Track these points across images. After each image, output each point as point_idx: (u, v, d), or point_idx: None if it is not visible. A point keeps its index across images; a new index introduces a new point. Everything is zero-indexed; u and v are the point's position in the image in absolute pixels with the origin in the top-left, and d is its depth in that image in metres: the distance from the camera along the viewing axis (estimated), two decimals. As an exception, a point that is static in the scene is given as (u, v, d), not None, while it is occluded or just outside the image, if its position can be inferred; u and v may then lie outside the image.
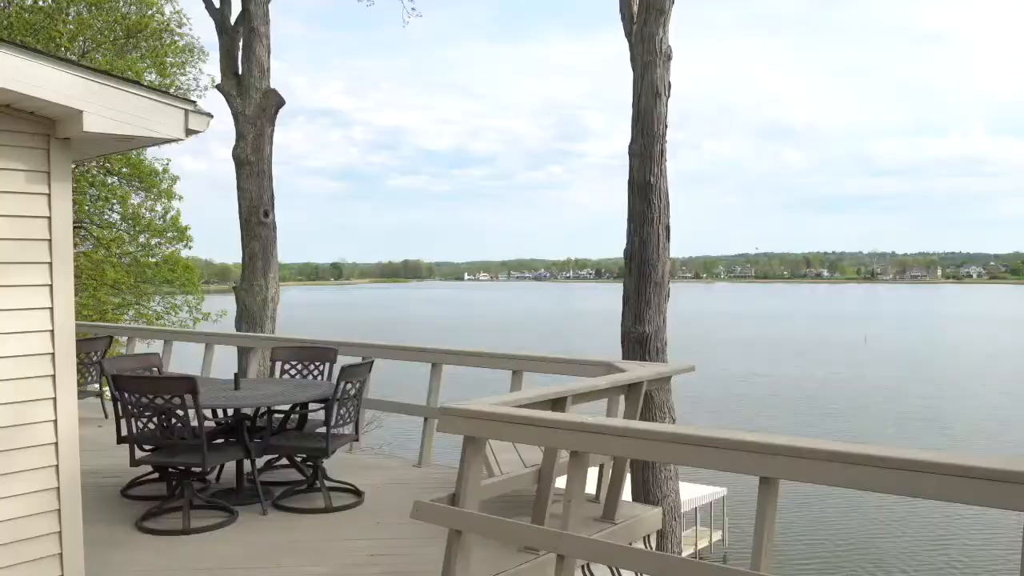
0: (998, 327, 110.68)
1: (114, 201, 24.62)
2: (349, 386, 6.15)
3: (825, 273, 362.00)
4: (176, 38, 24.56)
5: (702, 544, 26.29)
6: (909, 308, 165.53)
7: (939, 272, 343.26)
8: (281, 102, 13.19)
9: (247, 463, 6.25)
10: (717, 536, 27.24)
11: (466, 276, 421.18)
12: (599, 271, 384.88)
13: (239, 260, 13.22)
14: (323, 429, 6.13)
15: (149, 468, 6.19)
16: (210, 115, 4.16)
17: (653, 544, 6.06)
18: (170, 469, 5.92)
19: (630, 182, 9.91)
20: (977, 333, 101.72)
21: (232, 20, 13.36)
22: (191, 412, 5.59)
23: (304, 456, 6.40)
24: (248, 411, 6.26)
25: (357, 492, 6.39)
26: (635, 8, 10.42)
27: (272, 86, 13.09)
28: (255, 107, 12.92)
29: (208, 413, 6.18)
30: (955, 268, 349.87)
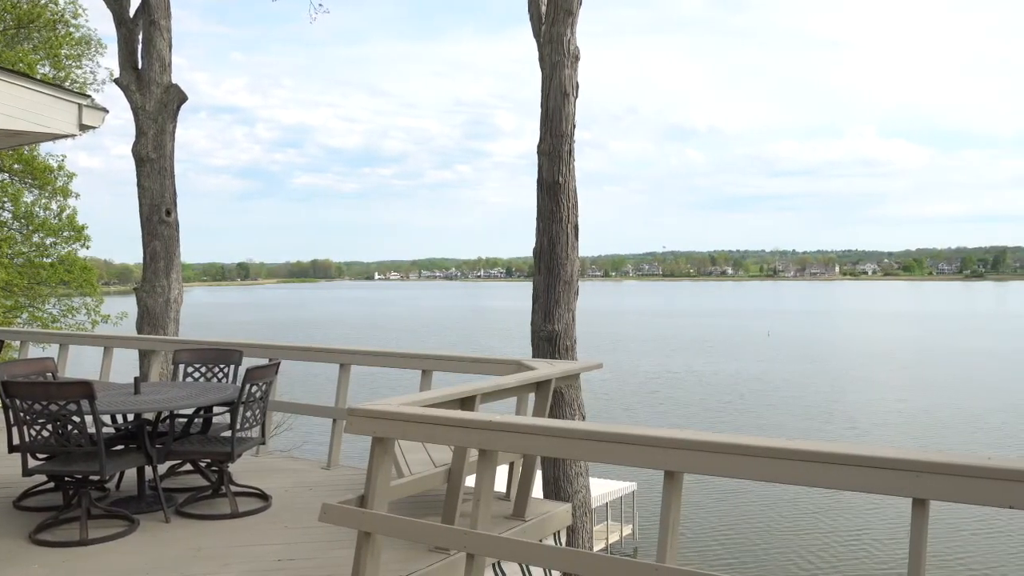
0: (895, 322, 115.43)
1: (5, 199, 23.60)
2: (255, 388, 6.03)
3: (730, 271, 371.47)
4: (71, 29, 23.67)
5: (613, 538, 26.68)
6: (809, 304, 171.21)
7: (837, 269, 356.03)
8: (183, 98, 12.83)
9: (149, 470, 6.07)
10: (628, 530, 27.70)
11: (376, 276, 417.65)
12: (510, 270, 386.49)
13: (140, 260, 12.83)
14: (228, 433, 5.99)
15: (44, 478, 5.96)
16: (105, 110, 4.04)
17: (563, 540, 6.12)
18: (66, 478, 5.70)
19: (539, 182, 9.98)
20: (875, 328, 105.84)
21: (131, 12, 12.94)
22: (88, 418, 5.39)
23: (209, 461, 6.25)
24: (149, 416, 6.08)
25: (264, 496, 6.28)
26: (544, 9, 10.50)
27: (173, 81, 12.73)
28: (156, 102, 12.54)
29: (107, 419, 5.97)
30: (852, 265, 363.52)
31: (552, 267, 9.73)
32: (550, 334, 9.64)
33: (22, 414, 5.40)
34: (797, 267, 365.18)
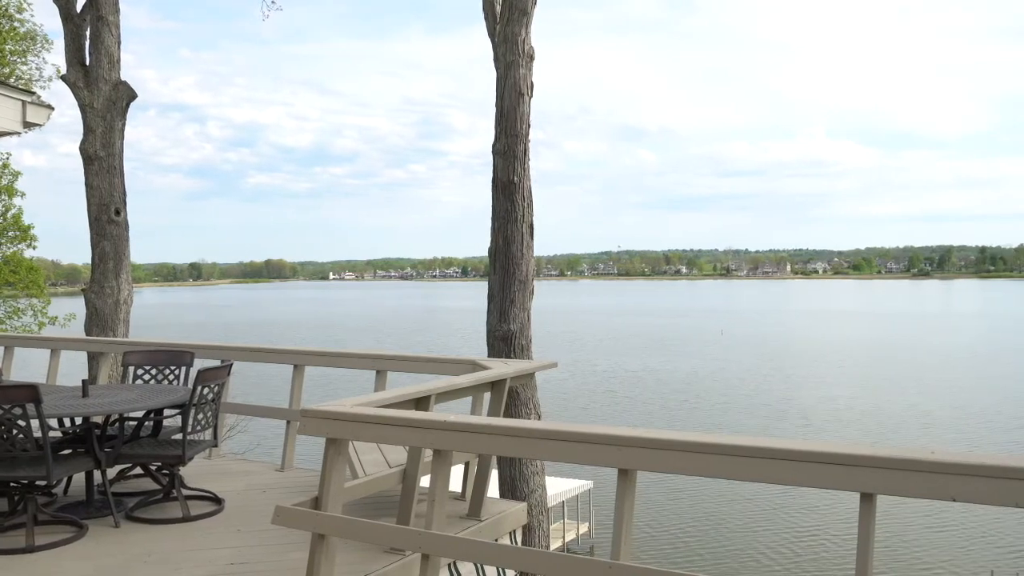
0: (846, 321, 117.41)
1: (-53, 199, 23.03)
2: (207, 390, 5.95)
3: (683, 270, 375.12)
4: (16, 24, 23.15)
5: (570, 537, 26.78)
6: (762, 303, 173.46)
7: (788, 268, 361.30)
8: (133, 95, 12.62)
9: (97, 474, 5.97)
10: (584, 528, 27.83)
11: (331, 276, 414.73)
12: (465, 270, 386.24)
13: (89, 261, 12.60)
14: (179, 436, 5.91)
15: (-12, 483, 5.83)
16: (51, 107, 3.96)
17: (519, 539, 6.13)
18: (11, 484, 5.58)
19: (494, 181, 9.99)
20: (827, 326, 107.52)
21: (78, 7, 12.69)
22: (34, 422, 5.28)
23: (159, 464, 6.16)
24: (98, 419, 5.97)
25: (217, 499, 6.21)
26: (498, 8, 10.50)
27: (122, 78, 12.51)
28: (104, 100, 12.32)
29: (54, 423, 5.86)
30: (803, 264, 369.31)
31: (507, 266, 9.74)
32: (505, 333, 9.65)
33: (-35, 418, 5.28)
34: (750, 266, 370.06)
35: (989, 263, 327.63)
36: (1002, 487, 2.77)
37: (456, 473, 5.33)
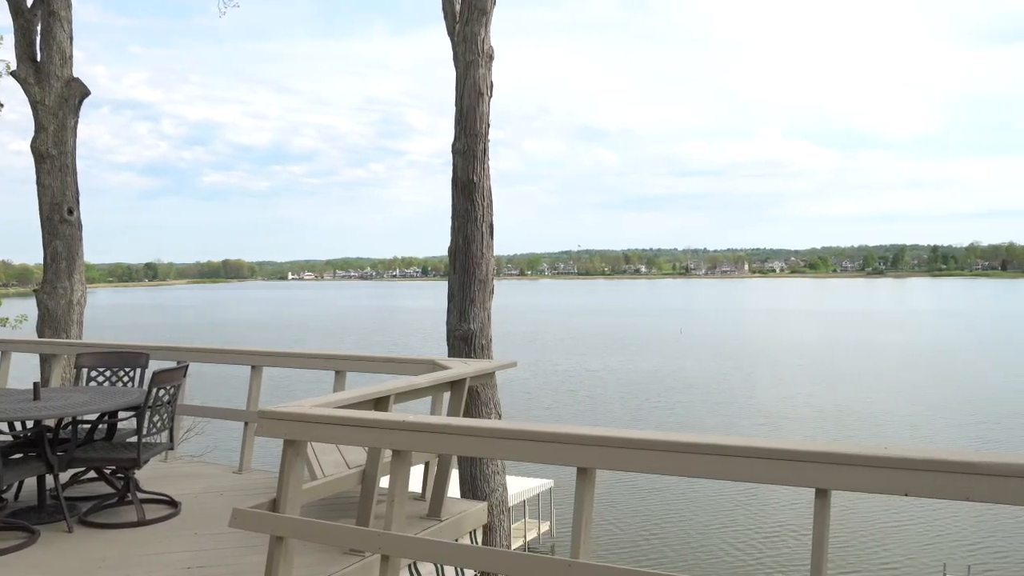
0: (803, 319, 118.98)
1: None
2: (162, 392, 5.87)
3: (643, 269, 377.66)
4: (-36, 21, 22.66)
5: (531, 536, 26.86)
6: (720, 301, 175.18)
7: (746, 267, 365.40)
8: (86, 92, 12.40)
9: (50, 478, 5.86)
10: (546, 527, 27.92)
11: (290, 276, 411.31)
12: (425, 269, 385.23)
13: (41, 261, 12.36)
14: (134, 439, 5.83)
15: (-65, 488, 5.69)
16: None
17: (479, 539, 6.13)
18: (-40, 488, 5.47)
19: (454, 180, 9.96)
20: (785, 324, 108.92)
21: (29, 2, 12.45)
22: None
23: (114, 468, 6.06)
24: (50, 422, 5.86)
25: (173, 503, 6.12)
26: (458, 8, 10.48)
27: (74, 75, 12.29)
28: (56, 97, 12.09)
29: (4, 426, 5.74)
30: (760, 263, 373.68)
31: (467, 266, 9.73)
32: (465, 333, 9.63)
33: (-89, 423, 5.16)
34: (708, 265, 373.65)
35: (941, 262, 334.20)
36: (952, 481, 2.82)
37: (416, 473, 5.32)
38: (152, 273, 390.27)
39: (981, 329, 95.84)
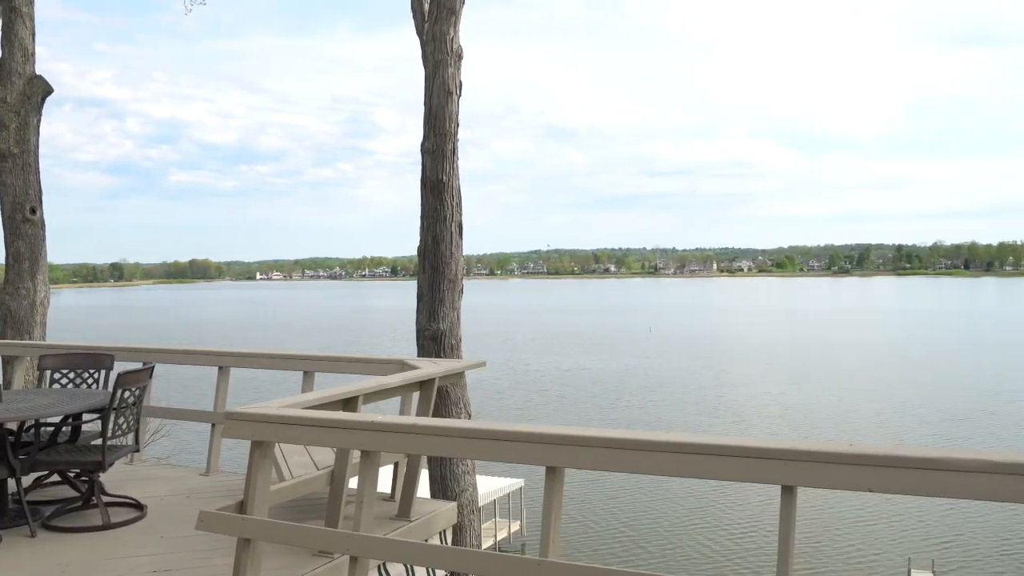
0: (771, 317, 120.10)
1: None
2: (127, 394, 5.80)
3: (612, 268, 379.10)
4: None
5: (501, 535, 26.87)
6: (689, 300, 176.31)
7: (715, 266, 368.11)
8: (49, 90, 12.23)
9: (12, 482, 5.76)
10: (516, 527, 27.94)
11: (258, 276, 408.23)
12: (395, 269, 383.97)
13: (3, 261, 12.18)
14: (99, 441, 5.75)
15: None
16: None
17: (449, 539, 6.13)
18: (-81, 493, 5.37)
19: (423, 180, 9.95)
20: (753, 323, 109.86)
21: (-11, -1, 12.24)
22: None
23: (78, 471, 5.98)
24: (12, 425, 5.77)
25: (139, 506, 6.05)
26: (427, 7, 10.46)
27: (37, 72, 12.12)
28: (18, 94, 11.91)
29: (-36, 429, 5.64)
30: (728, 262, 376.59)
31: (436, 266, 9.72)
32: (435, 333, 9.62)
33: None
34: (677, 264, 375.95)
35: (905, 261, 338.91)
36: (915, 477, 2.86)
37: (386, 474, 5.30)
38: (118, 273, 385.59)
39: (947, 328, 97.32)
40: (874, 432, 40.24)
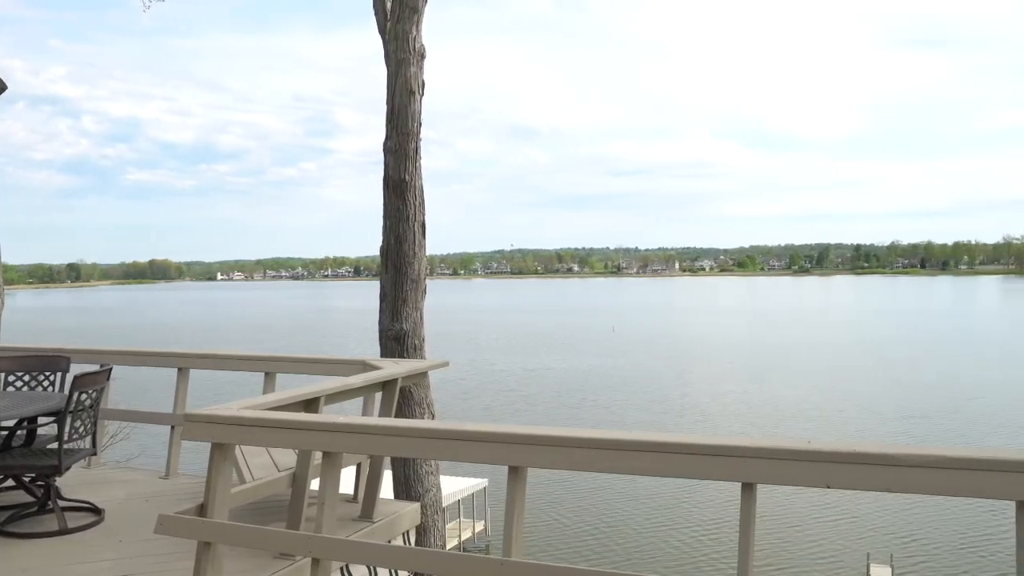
0: (733, 316, 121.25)
1: None
2: (84, 396, 5.71)
3: (576, 268, 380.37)
4: None
5: (466, 535, 26.86)
6: (652, 299, 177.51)
7: (677, 266, 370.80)
8: (2, 87, 12.00)
9: (-35, 487, 5.65)
10: (480, 526, 27.94)
11: (219, 276, 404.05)
12: (358, 269, 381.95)
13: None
14: (55, 445, 5.65)
15: None
16: (-92, 101, 3.72)
17: (412, 540, 6.11)
18: None
19: (385, 179, 9.90)
20: (715, 322, 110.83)
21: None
22: None
23: (34, 476, 5.88)
24: (-35, 429, 5.66)
25: (96, 510, 5.96)
26: (389, 6, 10.42)
27: (-10, 70, 11.89)
28: (-30, 93, 11.67)
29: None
30: (691, 262, 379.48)
31: (399, 265, 9.68)
32: (398, 333, 9.58)
33: None
34: (640, 264, 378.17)
35: (863, 260, 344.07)
36: (873, 473, 2.91)
37: (349, 475, 5.27)
38: (74, 274, 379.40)
39: (906, 326, 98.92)
40: (836, 430, 40.79)
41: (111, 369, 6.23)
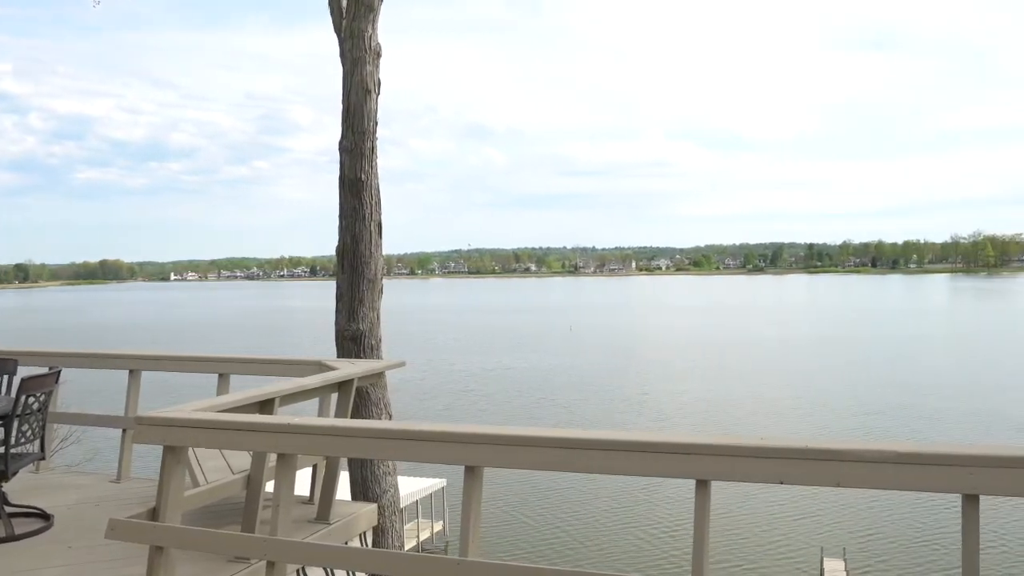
0: (689, 315, 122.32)
1: None
2: (31, 399, 5.59)
3: (533, 267, 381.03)
4: None
5: (424, 536, 26.77)
6: (609, 299, 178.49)
7: (634, 265, 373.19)
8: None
9: (-93, 493, 5.51)
10: (439, 527, 27.86)
11: (172, 276, 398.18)
12: (314, 269, 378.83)
13: None
14: (1, 449, 5.53)
15: None
16: None
17: (369, 541, 6.08)
18: None
19: (341, 179, 9.83)
20: (672, 321, 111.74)
21: None
22: None
23: (-21, 480, 5.74)
24: (-93, 434, 5.51)
25: (45, 516, 5.84)
26: (344, 4, 10.35)
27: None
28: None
29: None
30: (647, 261, 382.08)
31: (356, 265, 9.62)
32: (354, 333, 9.52)
33: None
34: (597, 264, 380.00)
35: (816, 259, 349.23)
36: (824, 468, 2.96)
37: (304, 476, 5.22)
38: (22, 275, 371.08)
39: (859, 324, 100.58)
40: (792, 426, 41.35)
41: (60, 372, 6.12)
